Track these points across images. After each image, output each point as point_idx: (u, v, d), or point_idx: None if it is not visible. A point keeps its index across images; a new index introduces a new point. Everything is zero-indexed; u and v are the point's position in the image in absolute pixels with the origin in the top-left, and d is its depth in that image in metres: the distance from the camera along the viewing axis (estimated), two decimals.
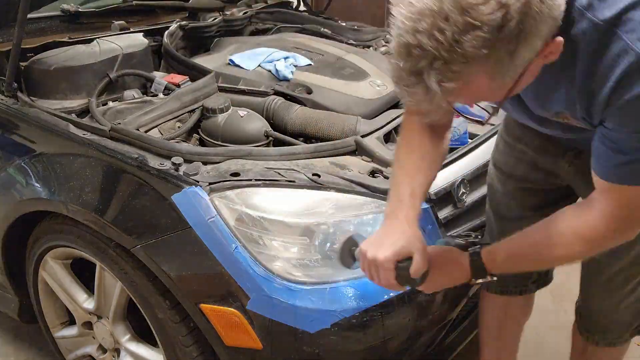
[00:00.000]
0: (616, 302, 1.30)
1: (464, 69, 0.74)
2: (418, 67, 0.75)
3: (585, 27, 0.83)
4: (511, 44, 0.74)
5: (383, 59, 2.22)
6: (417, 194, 1.09)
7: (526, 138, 1.32)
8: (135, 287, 1.38)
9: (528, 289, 1.50)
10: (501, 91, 0.84)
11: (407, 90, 0.79)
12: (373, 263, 1.04)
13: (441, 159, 1.19)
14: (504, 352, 1.61)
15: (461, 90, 0.77)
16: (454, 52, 0.72)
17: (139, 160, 1.36)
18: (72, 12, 2.12)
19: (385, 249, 1.03)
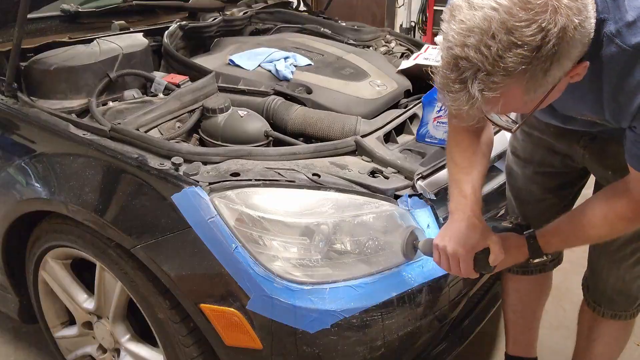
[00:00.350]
0: (623, 273, 1.38)
1: (503, 81, 0.84)
2: (463, 77, 0.85)
3: (614, 51, 0.94)
4: (546, 63, 0.84)
5: (383, 59, 2.22)
6: (477, 188, 1.24)
7: (542, 125, 1.41)
8: (135, 287, 1.38)
9: (547, 267, 1.63)
10: (531, 104, 0.94)
11: (452, 96, 0.88)
12: (454, 256, 1.17)
13: (490, 148, 1.32)
14: (527, 331, 1.74)
15: (498, 100, 0.87)
16: (496, 66, 0.83)
17: (139, 160, 1.36)
18: (72, 12, 2.12)
19: (464, 243, 1.16)
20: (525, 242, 1.22)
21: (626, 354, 1.52)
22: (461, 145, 1.27)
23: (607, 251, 1.38)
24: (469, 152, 1.26)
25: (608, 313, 1.45)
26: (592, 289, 1.47)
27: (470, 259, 1.17)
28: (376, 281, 1.26)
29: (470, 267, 1.18)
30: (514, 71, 0.83)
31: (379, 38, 2.53)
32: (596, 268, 1.44)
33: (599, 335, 1.50)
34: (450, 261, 1.18)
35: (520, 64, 0.82)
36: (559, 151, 1.41)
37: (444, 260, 1.20)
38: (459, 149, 1.27)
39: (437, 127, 1.64)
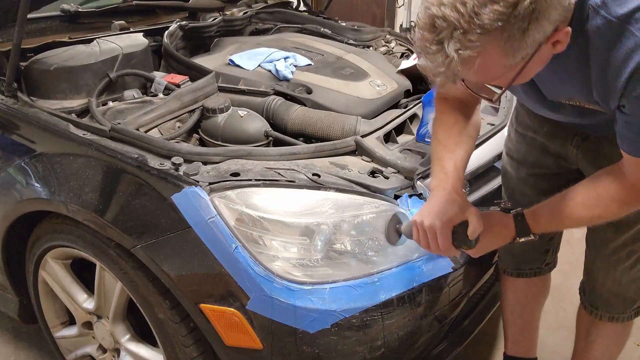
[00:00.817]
0: (619, 275, 1.37)
1: (480, 39, 0.83)
2: (440, 37, 0.85)
3: (600, 24, 0.91)
4: (524, 22, 0.83)
5: (383, 59, 2.22)
6: (459, 167, 1.21)
7: (535, 126, 1.41)
8: (135, 287, 1.38)
9: (542, 270, 1.61)
10: (511, 72, 0.92)
11: (429, 57, 0.88)
12: (431, 230, 1.13)
13: (477, 131, 1.30)
14: (526, 332, 1.72)
15: (475, 61, 0.86)
16: (472, 23, 0.82)
17: (139, 160, 1.36)
18: (72, 12, 2.12)
19: (441, 215, 1.13)
20: (512, 220, 1.18)
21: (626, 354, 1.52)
22: (446, 124, 1.25)
23: (602, 254, 1.37)
24: (453, 131, 1.24)
25: (605, 316, 1.44)
26: (589, 293, 1.47)
27: (447, 232, 1.13)
28: (376, 281, 1.26)
29: (448, 241, 1.14)
30: (491, 28, 0.82)
31: (379, 38, 2.53)
32: (592, 271, 1.43)
33: (597, 337, 1.50)
34: (428, 236, 1.14)
35: (496, 21, 0.81)
36: (553, 152, 1.40)
37: (422, 237, 1.16)
38: (443, 128, 1.25)
39: None
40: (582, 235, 1.47)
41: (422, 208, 1.18)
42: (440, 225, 1.12)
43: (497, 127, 1.73)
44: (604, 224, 1.33)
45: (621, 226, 1.30)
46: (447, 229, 1.13)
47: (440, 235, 1.13)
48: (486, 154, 1.61)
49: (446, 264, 1.35)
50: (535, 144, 1.43)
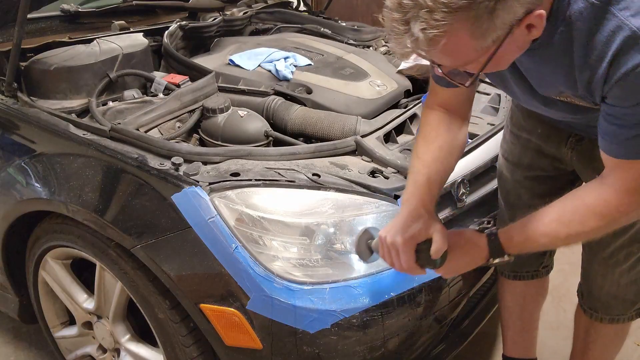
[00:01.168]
0: (617, 278, 1.35)
1: (445, 18, 0.81)
2: (407, 17, 0.83)
3: (581, 7, 0.88)
4: (490, 1, 0.80)
5: (383, 59, 2.22)
6: (433, 180, 1.15)
7: (530, 127, 1.39)
8: (135, 287, 1.38)
9: (539, 273, 1.60)
10: (482, 56, 0.89)
11: (396, 39, 0.86)
12: (393, 247, 1.08)
13: (459, 151, 1.25)
14: (525, 333, 1.71)
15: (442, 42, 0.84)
16: (437, 2, 0.80)
17: (139, 160, 1.36)
18: (72, 12, 2.12)
19: (404, 232, 1.07)
20: (485, 239, 1.11)
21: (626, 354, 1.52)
22: (427, 138, 1.20)
23: (600, 257, 1.36)
24: (433, 146, 1.19)
25: (606, 318, 1.43)
26: (587, 296, 1.46)
27: (409, 250, 1.07)
28: (376, 281, 1.26)
29: (411, 259, 1.08)
30: (456, 7, 0.79)
31: (379, 38, 2.53)
32: (590, 275, 1.41)
33: (596, 338, 1.50)
34: (391, 253, 1.09)
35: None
36: (548, 154, 1.39)
37: (386, 253, 1.10)
38: (424, 142, 1.21)
39: None
40: None
41: (389, 223, 1.13)
42: (402, 241, 1.07)
43: (497, 127, 1.73)
44: None
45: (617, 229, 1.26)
46: (409, 247, 1.07)
47: (403, 252, 1.08)
48: (486, 154, 1.61)
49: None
50: (530, 146, 1.42)
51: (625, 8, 0.86)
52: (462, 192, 1.47)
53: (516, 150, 1.46)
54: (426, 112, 1.24)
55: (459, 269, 1.16)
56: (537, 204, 1.32)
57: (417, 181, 1.15)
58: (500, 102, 1.92)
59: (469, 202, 1.50)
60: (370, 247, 1.19)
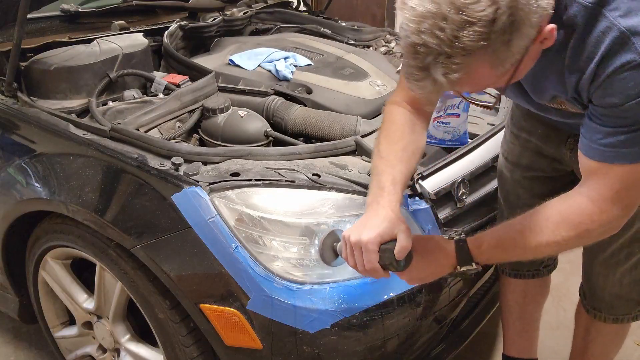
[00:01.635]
0: (619, 278, 1.34)
1: (465, 61, 0.82)
2: (425, 63, 0.83)
3: (576, 11, 0.90)
4: (505, 35, 0.81)
5: (383, 59, 2.22)
6: (398, 181, 1.12)
7: (529, 127, 1.39)
8: (135, 287, 1.38)
9: (540, 272, 1.60)
10: (503, 77, 0.90)
11: (418, 84, 0.87)
12: (357, 245, 1.05)
13: (420, 152, 1.23)
14: (526, 332, 1.71)
15: (465, 80, 0.85)
16: (454, 47, 0.80)
17: (139, 160, 1.36)
18: (72, 12, 2.12)
19: (368, 230, 1.04)
20: (454, 245, 1.08)
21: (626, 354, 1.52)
22: (391, 138, 1.18)
23: (600, 258, 1.35)
24: (397, 146, 1.16)
25: (610, 318, 1.42)
26: (590, 296, 1.45)
27: (373, 250, 1.03)
28: (376, 281, 1.26)
29: (374, 259, 1.03)
30: (474, 49, 0.80)
31: (379, 38, 2.53)
32: (591, 275, 1.41)
33: (596, 336, 1.50)
34: (355, 253, 1.05)
35: (478, 41, 0.79)
36: (547, 154, 1.39)
37: (349, 254, 1.07)
38: (387, 141, 1.18)
39: (437, 127, 1.65)
40: None
41: (354, 224, 1.10)
42: (366, 240, 1.03)
43: (497, 127, 1.73)
44: None
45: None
46: (372, 246, 1.03)
47: (366, 251, 1.04)
48: (486, 154, 1.61)
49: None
50: (529, 146, 1.42)
51: (615, 9, 0.87)
52: (462, 192, 1.47)
53: (516, 150, 1.46)
54: (391, 108, 1.22)
55: (424, 276, 1.12)
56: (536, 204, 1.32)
57: (382, 182, 1.11)
58: (500, 102, 1.92)
59: (469, 202, 1.50)
60: (335, 249, 1.16)
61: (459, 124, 1.68)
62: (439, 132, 1.63)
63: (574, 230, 1.00)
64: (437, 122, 1.64)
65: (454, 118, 1.66)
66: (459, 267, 1.08)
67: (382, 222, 1.05)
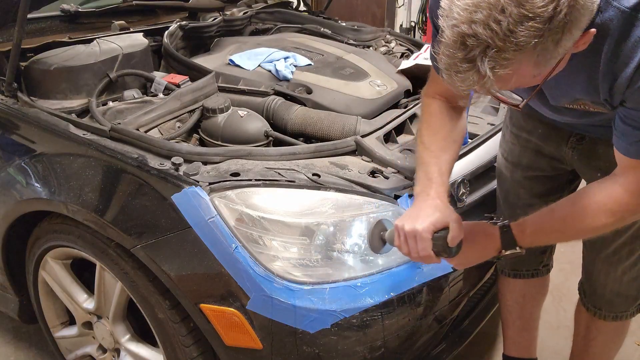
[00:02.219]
0: (620, 275, 1.36)
1: (515, 57, 0.80)
2: (471, 55, 0.81)
3: (612, 15, 0.89)
4: (557, 34, 0.80)
5: (383, 59, 2.22)
6: (444, 172, 1.18)
7: (529, 127, 1.40)
8: (135, 287, 1.38)
9: (540, 271, 1.60)
10: (540, 77, 0.90)
11: (460, 77, 0.84)
12: (411, 235, 1.10)
13: (462, 137, 1.27)
14: (525, 332, 1.71)
15: (510, 76, 0.83)
16: (507, 42, 0.78)
17: (139, 160, 1.36)
18: (72, 12, 2.12)
19: (422, 220, 1.09)
20: (498, 231, 1.14)
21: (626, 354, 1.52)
22: (432, 128, 1.23)
23: (602, 256, 1.37)
24: (439, 136, 1.21)
25: (609, 315, 1.44)
26: (590, 294, 1.46)
27: (427, 238, 1.09)
28: (376, 281, 1.26)
29: (428, 247, 1.10)
30: (527, 45, 0.78)
31: (379, 38, 2.53)
32: (592, 272, 1.42)
33: (597, 335, 1.50)
34: (408, 241, 1.11)
35: (533, 37, 0.78)
36: (547, 153, 1.40)
37: (403, 243, 1.12)
38: (429, 132, 1.23)
39: None
40: None
41: (405, 213, 1.16)
42: (420, 229, 1.09)
43: (497, 127, 1.73)
44: None
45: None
46: (427, 234, 1.09)
47: (420, 240, 1.09)
48: (486, 154, 1.61)
49: (446, 264, 1.35)
50: (529, 146, 1.42)
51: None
52: (462, 192, 1.47)
53: (515, 150, 1.46)
54: (427, 101, 1.26)
55: (472, 260, 1.17)
56: (536, 204, 1.34)
57: (429, 172, 1.17)
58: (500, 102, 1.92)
59: (469, 202, 1.50)
60: (383, 238, 1.20)
61: None
62: None
63: (612, 218, 1.05)
64: None
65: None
66: (503, 250, 1.13)
67: (435, 212, 1.10)
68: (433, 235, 1.10)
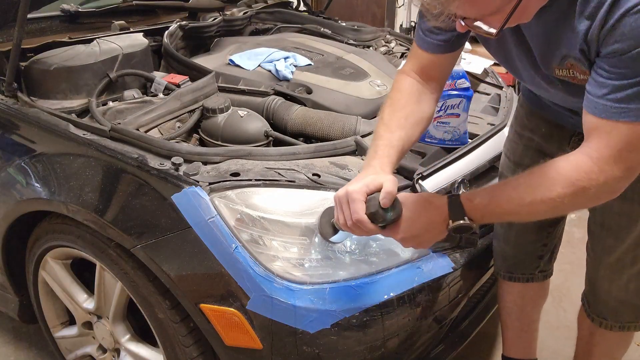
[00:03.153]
0: (625, 283, 1.32)
1: None
2: None
3: None
4: None
5: (383, 59, 2.22)
6: (394, 146, 1.13)
7: (533, 125, 1.39)
8: (135, 287, 1.38)
9: (535, 277, 1.58)
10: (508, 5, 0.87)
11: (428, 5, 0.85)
12: (344, 198, 1.05)
13: (425, 123, 1.23)
14: (525, 333, 1.70)
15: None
16: None
17: (139, 160, 1.36)
18: (72, 12, 2.12)
19: (355, 182, 1.05)
20: (445, 199, 1.05)
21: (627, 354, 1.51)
22: (395, 105, 1.20)
23: (606, 262, 1.33)
24: (400, 114, 1.18)
25: (615, 326, 1.39)
26: (594, 303, 1.41)
27: (359, 200, 1.02)
28: (376, 281, 1.26)
29: (360, 210, 1.02)
30: None
31: (379, 38, 2.53)
32: (596, 280, 1.38)
33: (601, 341, 1.47)
34: (342, 207, 1.05)
35: None
36: (549, 153, 1.38)
37: (338, 208, 1.07)
38: (391, 109, 1.20)
39: (437, 127, 1.64)
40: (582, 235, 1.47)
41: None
42: (351, 189, 1.03)
43: (497, 127, 1.73)
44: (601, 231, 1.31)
45: (620, 233, 1.27)
46: (358, 195, 1.03)
47: (351, 201, 1.03)
48: (486, 154, 1.61)
49: (446, 264, 1.35)
50: (532, 145, 1.42)
51: None
52: (462, 192, 1.46)
53: (518, 150, 1.46)
54: (399, 77, 1.24)
55: (418, 232, 1.07)
56: None
57: (378, 145, 1.13)
58: (500, 102, 1.92)
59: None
60: (333, 224, 1.15)
61: (459, 124, 1.68)
62: (439, 132, 1.63)
63: (570, 188, 0.96)
64: (437, 122, 1.64)
65: (454, 118, 1.66)
66: (451, 221, 1.04)
67: (368, 175, 1.06)
68: (367, 198, 1.03)
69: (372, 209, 1.02)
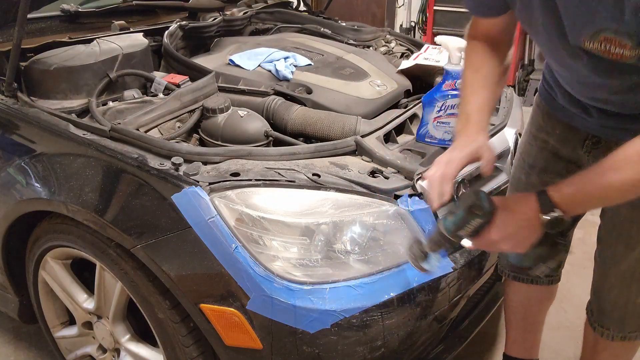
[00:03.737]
0: (635, 294, 1.32)
1: None
2: None
3: None
4: None
5: (383, 59, 2.22)
6: (484, 109, 1.21)
7: (548, 127, 1.39)
8: (135, 287, 1.38)
9: (540, 280, 1.58)
10: None
11: None
12: (439, 164, 1.15)
13: (504, 78, 1.30)
14: (528, 333, 1.69)
15: None
16: None
17: (139, 160, 1.36)
18: (72, 12, 2.12)
19: (454, 150, 1.16)
20: (534, 195, 1.04)
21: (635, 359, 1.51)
22: (473, 66, 1.25)
23: (614, 271, 1.32)
24: (479, 74, 1.24)
25: (618, 336, 1.38)
26: (598, 313, 1.40)
27: (459, 164, 1.14)
28: (376, 281, 1.26)
29: (455, 171, 1.14)
30: None
31: (379, 38, 2.53)
32: (603, 290, 1.37)
33: (604, 349, 1.45)
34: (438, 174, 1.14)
35: None
36: (564, 156, 1.38)
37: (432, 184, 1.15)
38: (471, 71, 1.25)
39: (437, 127, 1.64)
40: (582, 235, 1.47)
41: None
42: (457, 155, 1.14)
43: (497, 127, 1.73)
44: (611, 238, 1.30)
45: (631, 240, 1.26)
46: (459, 158, 1.14)
47: (449, 164, 1.14)
48: None
49: (446, 264, 1.35)
50: (547, 147, 1.41)
51: None
52: (462, 193, 1.47)
53: (533, 152, 1.45)
54: (470, 42, 1.28)
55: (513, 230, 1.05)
56: None
57: (468, 111, 1.20)
58: (500, 102, 1.92)
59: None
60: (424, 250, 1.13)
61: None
62: (439, 132, 1.63)
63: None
64: (437, 122, 1.64)
65: (454, 118, 1.66)
66: (542, 215, 1.03)
67: (470, 144, 1.15)
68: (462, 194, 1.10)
69: (472, 198, 1.03)
